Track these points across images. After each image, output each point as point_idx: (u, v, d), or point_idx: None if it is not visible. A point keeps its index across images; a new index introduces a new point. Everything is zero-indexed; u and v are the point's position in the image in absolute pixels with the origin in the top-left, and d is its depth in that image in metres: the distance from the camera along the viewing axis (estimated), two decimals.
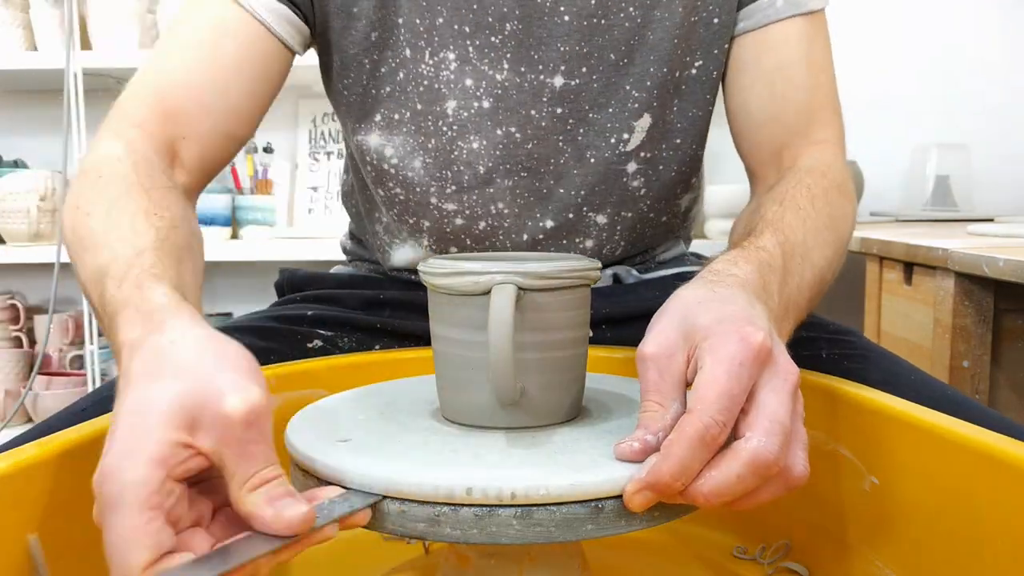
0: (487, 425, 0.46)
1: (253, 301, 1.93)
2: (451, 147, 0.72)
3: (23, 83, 1.98)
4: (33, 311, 2.00)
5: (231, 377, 0.37)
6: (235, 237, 1.91)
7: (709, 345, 0.41)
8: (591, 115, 0.72)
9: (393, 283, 0.84)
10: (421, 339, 0.74)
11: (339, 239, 0.96)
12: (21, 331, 1.93)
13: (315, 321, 0.76)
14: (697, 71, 0.73)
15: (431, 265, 0.46)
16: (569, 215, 0.75)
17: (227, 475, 0.36)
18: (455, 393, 0.47)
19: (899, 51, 1.98)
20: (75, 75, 1.72)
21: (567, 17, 0.69)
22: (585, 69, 0.70)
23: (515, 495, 0.38)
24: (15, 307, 1.94)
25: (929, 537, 0.48)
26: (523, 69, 0.70)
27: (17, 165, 1.93)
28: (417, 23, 0.69)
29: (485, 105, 0.71)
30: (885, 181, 1.96)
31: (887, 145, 1.97)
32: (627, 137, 0.73)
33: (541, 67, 0.70)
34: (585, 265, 0.46)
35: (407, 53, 0.69)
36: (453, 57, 0.69)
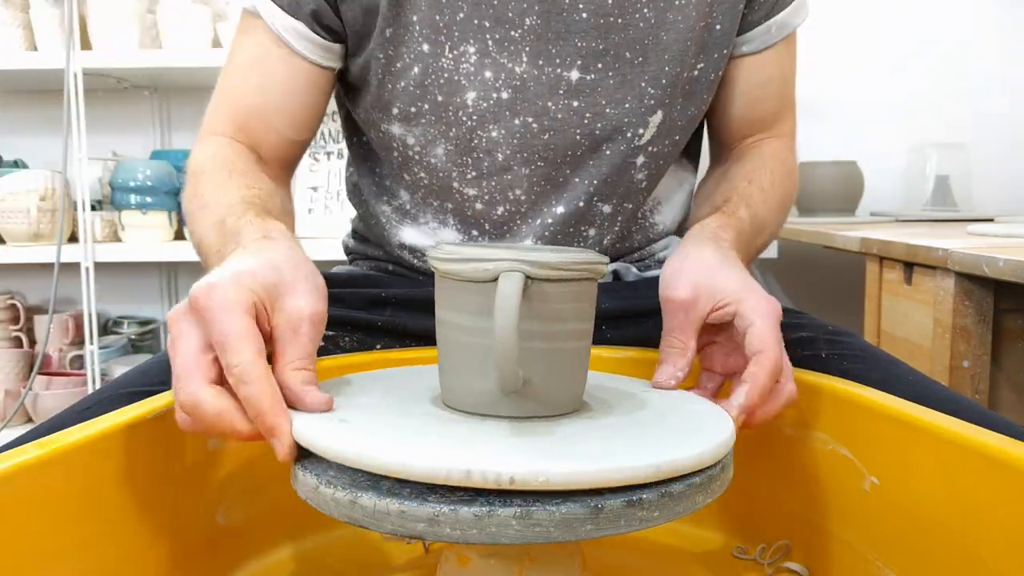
0: (488, 413, 0.46)
1: None
2: (471, 136, 0.74)
3: (23, 83, 1.98)
4: (33, 311, 2.00)
5: (311, 288, 0.49)
6: None
7: (751, 307, 0.54)
8: (608, 110, 0.74)
9: (394, 280, 0.85)
10: (422, 338, 0.74)
11: (339, 239, 0.97)
12: (21, 331, 1.94)
13: None
14: (699, 73, 0.77)
15: (441, 251, 0.47)
16: (580, 203, 0.78)
17: (278, 351, 0.46)
18: (458, 379, 0.47)
19: (899, 51, 1.98)
20: (75, 75, 1.72)
21: (584, 14, 0.71)
22: (601, 65, 0.73)
23: (514, 480, 0.38)
24: (15, 307, 1.94)
25: (929, 537, 0.48)
26: (541, 62, 0.72)
27: (17, 165, 1.93)
28: (436, 19, 0.71)
29: (504, 96, 0.73)
30: (885, 181, 1.97)
31: (887, 145, 1.97)
32: (642, 132, 0.76)
33: (558, 61, 0.73)
34: (593, 258, 0.47)
35: (425, 48, 0.72)
36: (473, 50, 0.72)
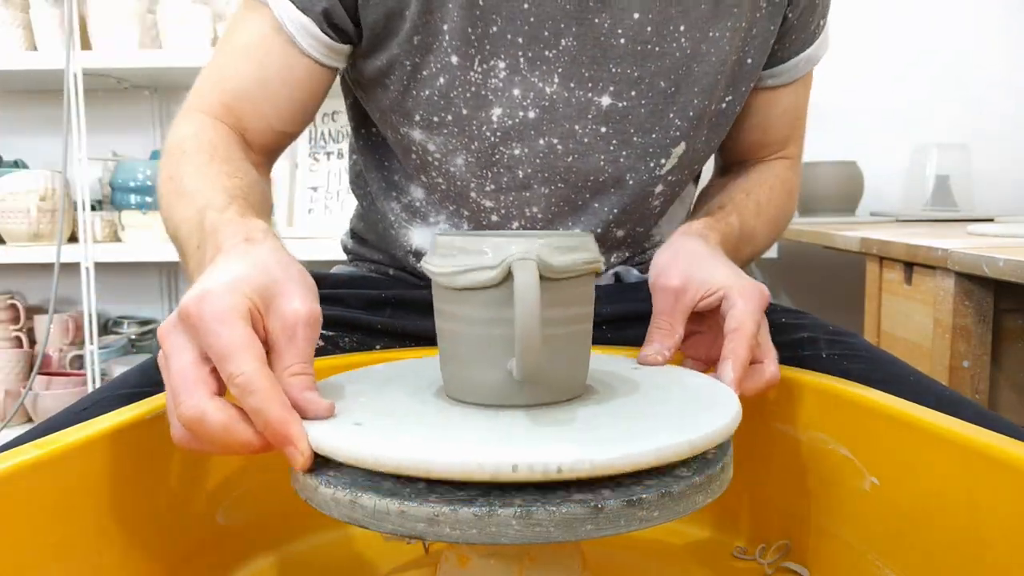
0: (500, 403, 0.45)
1: None
2: (493, 151, 0.73)
3: (23, 83, 1.98)
4: (33, 311, 2.00)
5: (303, 289, 0.46)
6: None
7: (738, 292, 0.56)
8: (635, 138, 0.73)
9: (394, 283, 0.85)
10: (422, 339, 0.74)
11: (339, 239, 0.96)
12: (21, 331, 1.93)
13: None
14: (727, 105, 0.76)
15: (437, 265, 0.46)
16: (597, 229, 0.77)
17: (275, 357, 0.44)
18: (465, 371, 0.46)
19: (899, 52, 1.98)
20: (75, 75, 1.72)
21: (623, 40, 0.70)
22: (635, 93, 0.72)
23: (561, 469, 0.38)
24: (15, 307, 1.94)
25: (929, 537, 0.48)
26: (572, 85, 0.71)
27: (17, 165, 1.93)
28: (468, 31, 0.69)
29: (531, 116, 0.71)
30: (885, 181, 1.97)
31: (887, 145, 1.97)
32: (664, 162, 0.75)
33: (591, 85, 0.71)
34: (589, 240, 0.47)
35: (453, 60, 0.69)
36: (503, 66, 0.70)
